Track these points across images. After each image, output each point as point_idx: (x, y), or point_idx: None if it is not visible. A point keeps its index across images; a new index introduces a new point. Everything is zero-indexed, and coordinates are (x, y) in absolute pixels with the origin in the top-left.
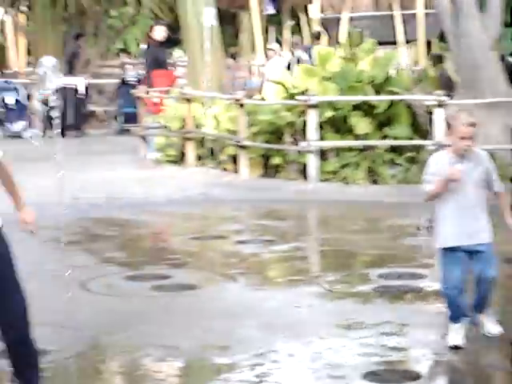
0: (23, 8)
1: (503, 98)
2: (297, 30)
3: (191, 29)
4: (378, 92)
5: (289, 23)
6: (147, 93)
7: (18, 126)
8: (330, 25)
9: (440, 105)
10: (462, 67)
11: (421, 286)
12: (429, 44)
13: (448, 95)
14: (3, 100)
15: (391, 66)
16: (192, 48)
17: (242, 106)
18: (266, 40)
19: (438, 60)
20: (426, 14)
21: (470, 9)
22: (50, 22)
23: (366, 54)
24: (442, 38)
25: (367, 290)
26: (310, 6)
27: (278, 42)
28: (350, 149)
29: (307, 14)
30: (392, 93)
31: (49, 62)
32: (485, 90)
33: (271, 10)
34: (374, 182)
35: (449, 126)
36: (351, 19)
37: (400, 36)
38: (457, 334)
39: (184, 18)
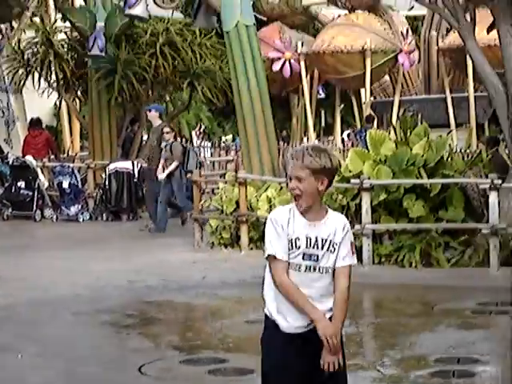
0: (78, 93)
1: None
2: (349, 113)
3: (246, 113)
4: (431, 175)
5: (340, 107)
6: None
7: (73, 209)
8: (382, 108)
9: (494, 188)
10: None
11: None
12: (480, 127)
13: (502, 178)
14: (59, 184)
15: (444, 149)
16: (246, 132)
17: None
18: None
19: (492, 143)
20: (477, 97)
21: None
22: (105, 107)
23: (418, 138)
24: (494, 120)
25: (424, 374)
26: (362, 90)
27: (327, 125)
28: (404, 232)
29: (358, 98)
30: (446, 176)
31: None
32: None
33: (322, 94)
34: (429, 264)
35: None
36: (403, 102)
37: (452, 119)
38: None
39: (238, 103)
